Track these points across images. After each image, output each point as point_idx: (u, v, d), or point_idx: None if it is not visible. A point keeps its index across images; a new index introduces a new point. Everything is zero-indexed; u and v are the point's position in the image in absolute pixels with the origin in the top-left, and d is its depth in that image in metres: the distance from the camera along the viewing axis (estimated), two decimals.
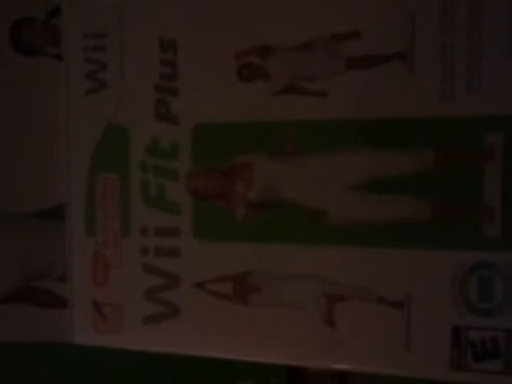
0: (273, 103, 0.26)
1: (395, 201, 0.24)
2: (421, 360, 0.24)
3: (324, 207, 0.25)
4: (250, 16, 0.26)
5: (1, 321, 0.30)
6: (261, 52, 0.26)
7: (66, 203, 0.29)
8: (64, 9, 0.29)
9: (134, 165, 0.28)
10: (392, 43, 0.24)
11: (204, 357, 0.27)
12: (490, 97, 0.23)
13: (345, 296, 0.25)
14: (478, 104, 0.23)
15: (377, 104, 0.24)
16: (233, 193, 0.26)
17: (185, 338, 0.27)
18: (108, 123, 0.28)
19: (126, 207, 0.28)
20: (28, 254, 0.30)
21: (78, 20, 0.28)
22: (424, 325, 0.24)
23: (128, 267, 0.28)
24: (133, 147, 0.28)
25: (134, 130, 0.28)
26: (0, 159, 0.30)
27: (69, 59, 0.29)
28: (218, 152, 0.27)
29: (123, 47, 0.28)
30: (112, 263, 0.28)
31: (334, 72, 0.25)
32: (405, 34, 0.24)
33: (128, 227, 0.28)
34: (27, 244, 0.30)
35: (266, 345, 0.26)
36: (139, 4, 0.27)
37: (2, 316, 0.30)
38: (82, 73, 0.28)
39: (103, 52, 0.28)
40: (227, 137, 0.26)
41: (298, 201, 0.26)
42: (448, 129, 0.24)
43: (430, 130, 0.24)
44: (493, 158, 0.23)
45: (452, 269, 0.24)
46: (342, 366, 0.26)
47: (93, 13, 0.28)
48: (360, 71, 0.25)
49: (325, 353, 0.26)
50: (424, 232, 0.24)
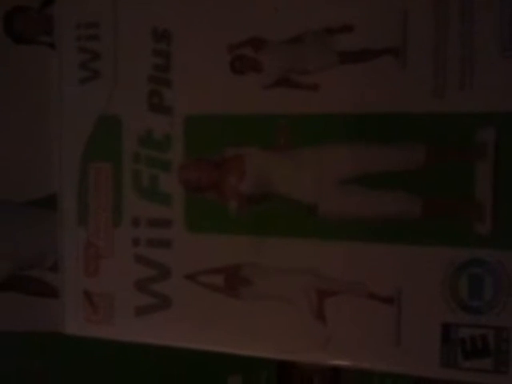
0: (265, 96, 0.26)
1: (386, 196, 0.24)
2: (411, 356, 0.24)
3: (316, 201, 0.25)
4: (244, 8, 0.26)
5: None
6: (254, 44, 0.26)
7: (58, 193, 0.29)
8: None
9: (127, 155, 0.28)
10: (385, 38, 0.24)
11: (194, 351, 0.27)
12: (483, 93, 0.23)
13: (335, 290, 0.25)
14: (471, 100, 0.23)
15: (369, 98, 0.24)
16: (225, 185, 0.26)
17: (176, 330, 0.27)
18: (101, 113, 0.28)
19: (118, 197, 0.28)
20: (20, 243, 0.30)
21: (72, 9, 0.28)
22: (414, 321, 0.24)
23: (119, 258, 0.28)
24: (126, 137, 0.28)
25: (127, 120, 0.28)
26: None
27: (62, 48, 0.29)
28: (211, 144, 0.27)
29: (116, 37, 0.28)
30: (103, 253, 0.28)
31: (327, 66, 0.25)
32: (398, 29, 0.24)
33: (120, 217, 0.28)
34: (19, 233, 0.30)
35: (257, 338, 0.26)
36: None
37: None
38: (75, 62, 0.28)
39: (96, 41, 0.28)
40: (220, 129, 0.26)
41: (290, 194, 0.26)
42: (440, 125, 0.24)
43: (422, 126, 0.24)
44: (484, 155, 0.23)
45: (442, 265, 0.24)
46: (333, 361, 0.26)
47: (86, 2, 0.28)
48: (352, 65, 0.24)
49: (315, 347, 0.26)
50: (415, 228, 0.24)
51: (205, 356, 0.28)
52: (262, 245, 0.26)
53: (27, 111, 0.30)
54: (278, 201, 0.26)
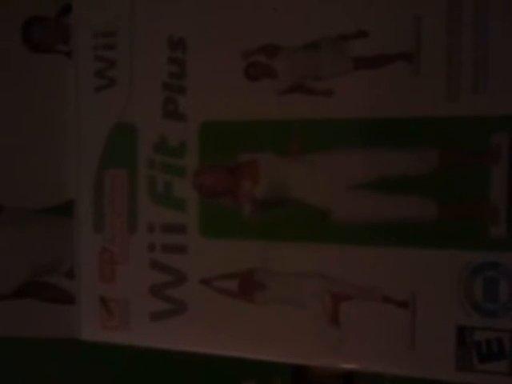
0: (279, 102, 0.26)
1: (400, 200, 0.25)
2: (426, 360, 0.24)
3: (329, 206, 0.25)
4: (258, 15, 0.26)
5: (8, 316, 0.31)
6: (268, 51, 0.26)
7: (75, 199, 0.29)
8: (75, 7, 0.29)
9: (142, 161, 0.28)
10: (398, 43, 0.24)
11: (208, 355, 0.27)
12: (496, 97, 0.23)
13: (350, 295, 0.25)
14: (484, 104, 0.23)
15: (383, 104, 0.24)
16: (239, 190, 0.27)
17: (191, 335, 0.28)
18: (117, 120, 0.28)
19: (134, 204, 0.28)
20: (36, 250, 0.31)
21: (89, 19, 0.29)
22: (429, 324, 0.24)
23: (135, 263, 0.28)
24: (141, 144, 0.28)
25: (143, 128, 0.28)
26: (10, 155, 0.31)
27: (79, 57, 0.29)
28: (225, 150, 0.27)
29: (132, 46, 0.28)
30: (119, 259, 0.29)
31: (341, 71, 0.25)
32: (411, 35, 0.24)
33: (135, 223, 0.28)
34: (35, 240, 0.31)
35: (271, 342, 0.26)
36: (148, 3, 0.28)
37: (10, 311, 0.31)
38: (92, 70, 0.29)
39: (113, 50, 0.28)
40: (234, 135, 0.27)
41: (304, 199, 0.26)
42: (454, 129, 0.24)
43: (436, 130, 0.24)
44: (498, 158, 0.23)
45: (457, 269, 0.24)
46: (347, 366, 0.26)
47: (103, 12, 0.28)
48: (366, 71, 0.25)
49: (329, 352, 0.26)
50: (429, 232, 0.24)
51: (219, 361, 0.28)
52: (276, 250, 0.26)
53: (44, 119, 0.30)
54: (292, 206, 0.26)
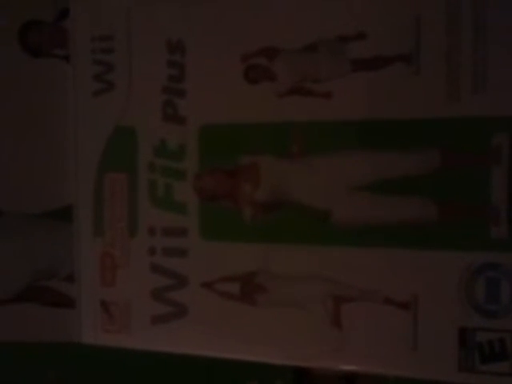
0: (279, 104, 0.26)
1: (401, 202, 0.24)
2: (428, 361, 0.24)
3: (330, 208, 0.25)
4: (257, 18, 0.26)
5: (9, 320, 0.31)
6: (267, 54, 0.26)
7: (74, 204, 0.29)
8: (72, 11, 0.29)
9: (142, 165, 0.28)
10: (397, 45, 0.24)
11: (210, 357, 0.27)
12: (496, 98, 0.23)
13: (351, 297, 0.25)
14: (484, 105, 0.23)
15: (382, 105, 0.24)
16: (240, 193, 0.27)
17: (192, 338, 0.28)
18: (116, 124, 0.28)
19: (134, 207, 0.28)
20: (37, 254, 0.31)
21: (86, 23, 0.29)
22: (431, 326, 0.24)
23: (136, 267, 0.28)
24: (140, 148, 0.28)
25: (142, 131, 0.28)
26: (9, 160, 0.31)
27: (77, 61, 0.29)
28: (225, 153, 0.27)
29: (131, 49, 0.28)
30: (120, 263, 0.29)
31: (340, 73, 0.25)
32: (410, 36, 0.24)
33: (136, 227, 0.28)
34: (36, 244, 0.31)
35: (273, 345, 0.26)
36: (146, 6, 0.28)
37: (11, 315, 0.31)
38: (90, 74, 0.29)
39: (111, 54, 0.28)
40: (234, 138, 0.27)
41: (305, 201, 0.26)
42: (454, 130, 0.24)
43: (436, 131, 0.24)
44: (499, 159, 0.23)
45: (458, 270, 0.24)
46: (349, 367, 0.26)
47: (100, 15, 0.28)
48: (366, 73, 0.25)
49: (331, 353, 0.26)
50: (430, 233, 0.24)
51: (221, 363, 0.28)
52: (277, 252, 0.26)
53: (43, 124, 0.30)
54: (293, 208, 0.26)
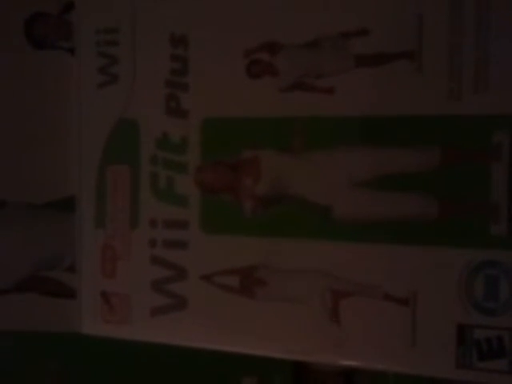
0: (281, 99, 0.26)
1: (401, 198, 0.25)
2: (426, 358, 0.24)
3: (330, 203, 0.25)
4: (260, 13, 0.26)
5: (10, 309, 0.31)
6: (270, 49, 0.26)
7: (77, 195, 0.30)
8: (77, 4, 0.29)
9: (144, 158, 0.28)
10: (400, 41, 0.24)
11: (209, 352, 0.27)
12: (498, 96, 0.23)
13: (350, 292, 0.25)
14: (486, 103, 0.23)
15: (384, 101, 0.24)
16: (241, 187, 0.27)
17: (191, 330, 0.28)
18: (119, 117, 0.28)
19: (136, 199, 0.28)
20: (39, 244, 0.31)
21: (91, 15, 0.29)
22: (429, 322, 0.24)
23: (136, 259, 0.28)
24: (143, 140, 0.28)
25: (145, 124, 0.28)
26: (12, 151, 0.31)
27: (81, 53, 0.29)
28: (227, 146, 0.27)
29: (135, 42, 0.28)
30: (120, 255, 0.29)
31: (342, 69, 0.25)
32: (413, 33, 0.24)
33: (137, 219, 0.28)
34: (38, 234, 0.31)
35: (271, 339, 0.26)
36: (151, 0, 0.28)
37: (12, 305, 0.31)
38: (94, 67, 0.29)
39: (115, 47, 0.28)
40: (236, 132, 0.27)
41: (305, 196, 0.26)
42: (455, 127, 0.24)
43: (437, 128, 0.24)
44: (499, 157, 0.23)
45: (458, 267, 0.24)
46: (347, 362, 0.26)
47: (105, 8, 0.29)
48: (368, 69, 0.25)
49: (330, 348, 0.26)
50: (430, 230, 0.24)
51: (220, 357, 0.29)
52: (277, 246, 0.26)
53: (46, 115, 0.30)
54: (293, 203, 0.26)
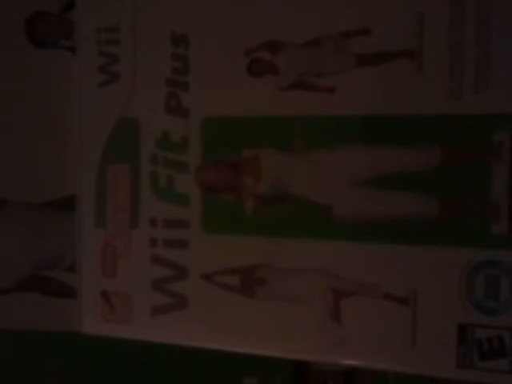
0: (282, 98, 0.26)
1: (402, 197, 0.25)
2: (427, 357, 0.24)
3: (331, 202, 0.25)
4: (261, 12, 0.26)
5: (11, 309, 0.31)
6: (271, 48, 0.26)
7: (77, 194, 0.30)
8: (78, 3, 0.29)
9: (145, 157, 0.28)
10: (401, 40, 0.24)
11: (210, 352, 0.27)
12: (498, 95, 0.23)
13: (351, 291, 0.25)
14: (486, 102, 0.23)
15: (385, 100, 0.24)
16: (241, 186, 0.27)
17: (191, 330, 0.28)
18: (119, 115, 0.28)
19: (136, 199, 0.28)
20: (39, 244, 0.31)
21: (92, 14, 0.29)
22: (430, 322, 0.24)
23: (137, 258, 0.28)
24: (143, 139, 0.28)
25: (145, 123, 0.28)
26: (13, 150, 0.31)
27: (82, 52, 0.29)
28: (227, 145, 0.27)
29: (136, 41, 0.28)
30: (121, 254, 0.29)
31: (343, 68, 0.25)
32: (414, 32, 0.24)
33: (137, 218, 0.28)
34: (38, 234, 0.31)
35: (272, 338, 0.26)
36: None
37: (12, 304, 0.31)
38: (95, 66, 0.29)
39: (116, 46, 0.28)
40: (236, 131, 0.27)
41: (305, 195, 0.26)
42: (456, 126, 0.24)
43: (438, 128, 0.24)
44: (500, 156, 0.23)
45: (458, 266, 0.24)
46: (348, 362, 0.26)
47: (106, 7, 0.29)
48: (369, 68, 0.25)
49: (330, 348, 0.26)
50: (431, 229, 0.24)
51: (220, 357, 0.29)
52: (278, 246, 0.26)
53: (47, 114, 0.30)
54: (294, 202, 0.26)
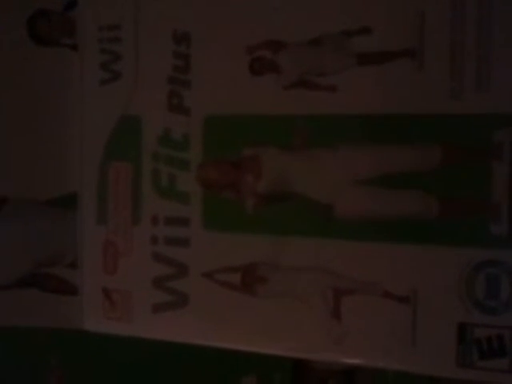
0: (283, 97, 0.26)
1: (403, 196, 0.25)
2: (426, 356, 0.24)
3: (332, 201, 0.25)
4: (262, 11, 0.26)
5: (12, 306, 0.31)
6: (272, 46, 0.26)
7: (79, 191, 0.30)
8: (80, 1, 0.29)
9: (146, 154, 0.28)
10: (402, 40, 0.24)
11: (209, 351, 0.28)
12: (499, 95, 0.23)
13: (352, 290, 0.25)
14: (487, 102, 0.23)
15: (386, 100, 0.24)
16: (242, 184, 0.27)
17: (192, 327, 0.28)
18: (121, 113, 0.29)
19: (138, 196, 0.28)
20: (41, 241, 0.31)
21: (94, 12, 0.29)
22: (430, 321, 0.24)
23: (138, 255, 0.29)
24: (145, 137, 0.28)
25: (147, 121, 0.28)
26: (15, 147, 0.31)
27: (84, 50, 0.29)
28: (229, 144, 0.27)
29: (138, 39, 0.28)
30: (122, 251, 0.29)
31: (344, 67, 0.25)
32: (415, 31, 0.24)
33: (139, 216, 0.29)
34: (39, 231, 0.31)
35: (272, 336, 0.26)
36: None
37: (13, 301, 0.31)
38: (97, 63, 0.29)
39: (118, 43, 0.28)
40: (237, 129, 0.27)
41: (307, 194, 0.26)
42: (456, 126, 0.24)
43: (439, 127, 0.24)
44: (501, 156, 0.23)
45: (459, 266, 0.24)
46: (347, 360, 0.26)
47: (108, 5, 0.29)
48: (370, 67, 0.25)
49: (330, 346, 0.26)
50: (431, 228, 0.24)
51: (219, 356, 0.29)
52: (279, 244, 0.26)
53: (48, 112, 0.31)
54: (295, 200, 0.26)
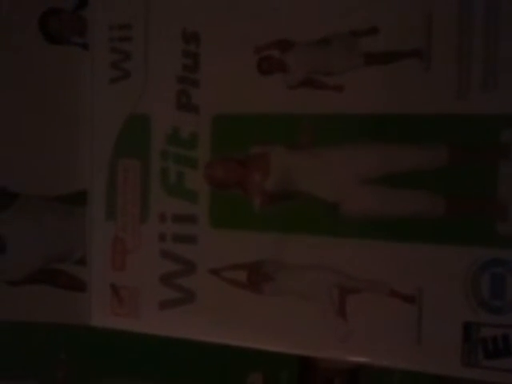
0: (291, 96, 0.26)
1: (409, 196, 0.25)
2: (432, 355, 0.24)
3: (338, 200, 0.26)
4: (271, 10, 0.26)
5: (21, 300, 0.31)
6: (280, 46, 0.26)
7: (88, 188, 0.30)
8: (91, 1, 0.30)
9: (155, 152, 0.28)
10: (409, 40, 0.24)
11: (216, 348, 0.28)
12: (506, 95, 0.23)
13: (357, 288, 0.25)
14: (494, 102, 0.23)
15: (393, 100, 0.25)
16: (250, 182, 0.27)
17: (198, 324, 0.28)
18: (131, 111, 0.29)
19: (146, 194, 0.29)
20: (50, 237, 0.31)
21: (105, 11, 0.29)
22: (435, 320, 0.24)
23: (146, 252, 0.29)
24: (154, 135, 0.28)
25: (156, 119, 0.28)
26: (25, 144, 0.31)
27: (95, 49, 0.29)
28: (236, 142, 0.27)
29: (148, 38, 0.28)
30: (130, 248, 0.29)
31: (352, 67, 0.25)
32: (422, 31, 0.24)
33: (147, 213, 0.29)
34: (49, 227, 0.31)
35: (278, 333, 0.27)
36: None
37: (23, 296, 0.31)
38: (107, 62, 0.29)
39: (128, 42, 0.29)
40: (245, 128, 0.27)
41: (313, 193, 0.26)
42: (463, 126, 0.24)
43: (446, 127, 0.24)
44: (508, 156, 0.23)
45: (464, 265, 0.24)
46: (353, 358, 0.26)
47: (119, 4, 0.29)
48: (377, 67, 0.25)
49: (336, 344, 0.26)
50: (437, 227, 0.24)
51: (226, 353, 0.29)
52: (285, 242, 0.26)
53: (59, 109, 0.31)
54: (302, 199, 0.26)
